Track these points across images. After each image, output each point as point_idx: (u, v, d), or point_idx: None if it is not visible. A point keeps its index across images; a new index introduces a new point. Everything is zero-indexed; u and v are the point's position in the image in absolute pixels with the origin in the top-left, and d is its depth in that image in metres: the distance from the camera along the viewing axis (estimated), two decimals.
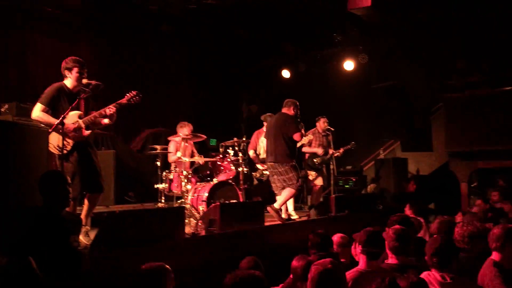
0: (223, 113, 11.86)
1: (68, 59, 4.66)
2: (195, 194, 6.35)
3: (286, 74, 11.88)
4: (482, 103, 9.83)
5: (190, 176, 6.33)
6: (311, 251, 4.13)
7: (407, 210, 6.47)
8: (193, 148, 7.35)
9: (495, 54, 10.23)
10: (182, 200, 6.12)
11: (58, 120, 4.28)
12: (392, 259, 3.64)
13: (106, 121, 4.81)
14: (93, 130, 4.85)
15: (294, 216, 6.68)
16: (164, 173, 6.62)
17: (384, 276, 2.80)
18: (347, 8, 9.01)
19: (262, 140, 7.74)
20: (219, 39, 11.25)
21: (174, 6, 9.36)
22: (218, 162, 6.97)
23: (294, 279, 3.57)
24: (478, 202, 7.02)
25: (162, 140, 8.72)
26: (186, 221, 5.29)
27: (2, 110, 6.40)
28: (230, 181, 6.72)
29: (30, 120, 4.67)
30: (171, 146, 7.29)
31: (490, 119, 9.59)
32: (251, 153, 7.72)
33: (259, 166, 7.78)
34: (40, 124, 4.49)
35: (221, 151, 7.14)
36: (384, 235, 3.71)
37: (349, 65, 11.07)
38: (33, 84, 7.97)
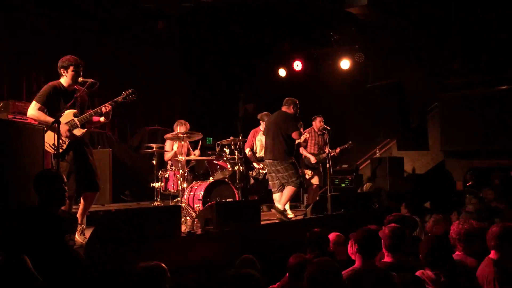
0: (220, 111, 11.85)
1: (64, 58, 4.64)
2: (191, 193, 6.34)
3: (282, 73, 11.88)
4: (478, 103, 9.88)
5: (186, 174, 6.33)
6: (308, 250, 4.14)
7: (403, 209, 6.49)
8: (189, 146, 7.34)
9: (492, 53, 10.27)
10: (178, 198, 6.11)
11: (53, 118, 4.26)
12: (388, 258, 3.65)
13: (102, 119, 4.80)
14: (89, 128, 4.84)
15: (291, 214, 6.67)
16: (160, 171, 6.62)
17: (380, 275, 2.80)
18: (344, 7, 9.04)
19: (259, 138, 7.75)
20: (216, 38, 11.24)
21: (171, 4, 9.35)
22: (214, 161, 6.97)
23: (290, 278, 3.58)
24: (473, 201, 7.03)
25: (159, 138, 8.71)
26: (182, 219, 5.28)
27: None
28: (226, 179, 6.72)
29: (26, 118, 4.65)
30: (167, 144, 7.29)
31: (485, 119, 9.63)
32: (247, 151, 7.72)
33: (256, 165, 7.78)
34: (35, 122, 4.47)
35: (217, 150, 7.14)
36: (380, 234, 3.72)
37: (345, 64, 11.08)
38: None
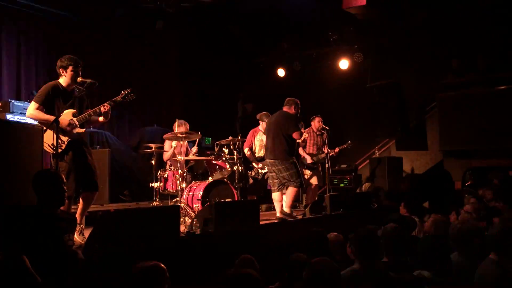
0: (219, 111, 11.85)
1: (63, 58, 4.63)
2: (190, 193, 6.34)
3: (281, 72, 11.88)
4: (477, 102, 9.89)
5: (185, 174, 6.33)
6: (307, 250, 4.13)
7: (402, 209, 6.49)
8: (187, 147, 7.35)
9: (490, 53, 10.28)
10: (177, 198, 6.11)
11: (54, 116, 4.27)
12: (386, 258, 3.65)
13: (101, 119, 4.80)
14: (88, 128, 4.84)
15: None
16: (159, 171, 6.61)
17: (378, 275, 2.81)
18: (343, 7, 9.04)
19: (258, 138, 7.75)
20: (215, 38, 11.24)
21: (169, 4, 9.34)
22: (213, 161, 6.97)
23: (289, 278, 3.58)
24: (472, 200, 7.03)
25: (157, 138, 8.70)
26: (181, 219, 5.29)
27: None
28: (225, 179, 6.72)
29: (25, 118, 4.64)
30: (166, 144, 7.29)
31: (484, 118, 9.64)
32: (246, 151, 7.72)
33: (255, 165, 7.78)
34: (34, 122, 4.47)
35: (216, 150, 7.14)
36: (379, 234, 3.72)
37: (344, 64, 11.09)
38: None
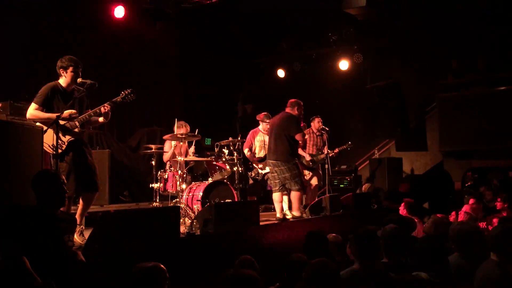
0: (218, 112, 11.86)
1: (63, 58, 4.63)
2: (190, 194, 6.34)
3: (281, 73, 11.89)
4: (477, 103, 9.90)
5: (185, 175, 6.33)
6: (306, 250, 4.14)
7: (402, 210, 6.50)
8: (187, 148, 7.35)
9: (490, 53, 10.29)
10: (177, 199, 6.11)
11: (55, 113, 4.28)
12: (386, 259, 3.65)
13: (101, 119, 4.79)
14: (88, 128, 4.84)
15: (289, 215, 6.68)
16: (159, 172, 6.62)
17: (378, 275, 2.80)
18: (342, 8, 9.04)
19: (258, 139, 7.76)
20: (215, 38, 11.25)
21: (169, 4, 9.35)
22: (213, 162, 6.98)
23: (289, 279, 3.58)
24: (471, 201, 7.04)
25: (157, 139, 8.71)
26: (181, 220, 5.29)
27: None
28: (225, 180, 6.72)
29: (25, 119, 4.64)
30: (166, 145, 7.29)
31: (484, 119, 9.65)
32: (246, 151, 7.73)
33: (255, 166, 7.79)
34: (34, 123, 4.47)
35: (216, 151, 7.14)
36: (378, 234, 3.72)
37: (344, 64, 11.10)
38: None
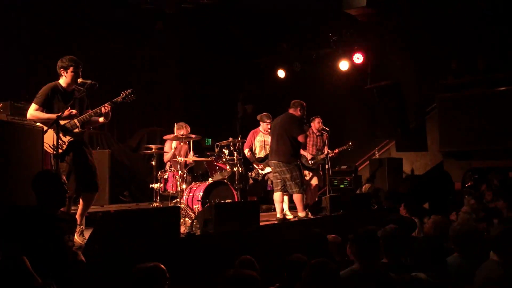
0: (219, 112, 11.86)
1: (64, 58, 4.63)
2: (190, 194, 6.34)
3: (281, 73, 11.89)
4: (477, 103, 9.90)
5: (185, 175, 6.33)
6: (306, 251, 4.14)
7: (402, 210, 6.50)
8: (187, 149, 7.35)
9: (490, 53, 10.29)
10: (177, 199, 6.11)
11: (55, 114, 4.28)
12: (386, 259, 3.66)
13: (101, 119, 4.79)
14: (88, 128, 4.84)
15: (289, 215, 6.69)
16: (159, 172, 6.62)
17: (378, 276, 2.81)
18: (343, 8, 9.04)
19: (258, 139, 7.77)
20: (215, 39, 11.25)
21: (169, 4, 9.35)
22: (214, 162, 6.98)
23: (289, 279, 3.58)
24: (471, 202, 7.05)
25: (158, 139, 8.71)
26: (181, 220, 5.29)
27: None
28: (225, 180, 6.72)
29: (25, 119, 4.64)
30: (167, 145, 7.29)
31: (484, 119, 9.65)
32: (246, 152, 7.73)
33: (255, 166, 7.79)
34: (35, 123, 4.47)
35: (216, 151, 7.15)
36: (378, 235, 3.72)
37: (344, 64, 11.10)
38: None
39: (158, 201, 6.50)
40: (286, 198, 6.63)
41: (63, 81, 4.63)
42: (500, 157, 9.72)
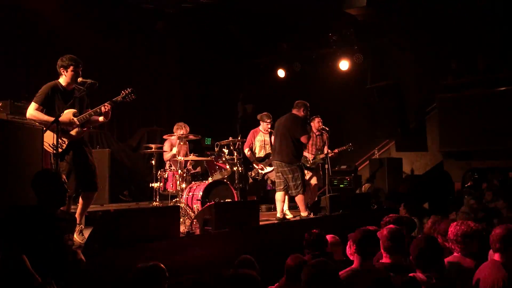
0: (219, 112, 11.86)
1: (64, 57, 4.62)
2: (190, 193, 6.34)
3: (281, 73, 11.88)
4: (477, 103, 9.89)
5: (185, 175, 6.34)
6: (306, 251, 4.14)
7: (402, 210, 6.50)
8: (187, 150, 7.36)
9: (490, 53, 10.29)
10: (177, 199, 6.11)
11: (53, 118, 4.26)
12: (386, 259, 3.65)
13: (101, 118, 4.78)
14: (88, 128, 4.84)
15: (289, 215, 6.69)
16: (159, 172, 6.62)
17: (377, 275, 2.81)
18: (343, 8, 9.05)
19: (258, 139, 7.77)
20: (215, 38, 11.25)
21: (169, 5, 9.36)
22: (214, 161, 6.98)
23: (288, 279, 3.58)
24: (471, 202, 7.05)
25: (157, 139, 8.71)
26: (181, 220, 5.29)
27: None
28: (225, 180, 6.72)
29: (25, 118, 4.64)
30: (166, 145, 7.29)
31: (484, 119, 9.65)
32: (247, 151, 7.73)
33: (255, 165, 7.79)
34: (34, 122, 4.47)
35: (216, 150, 7.15)
36: (378, 235, 3.72)
37: (344, 64, 11.09)
38: None
39: (157, 200, 6.50)
40: (286, 198, 6.64)
41: (63, 80, 4.62)
42: (500, 157, 9.72)
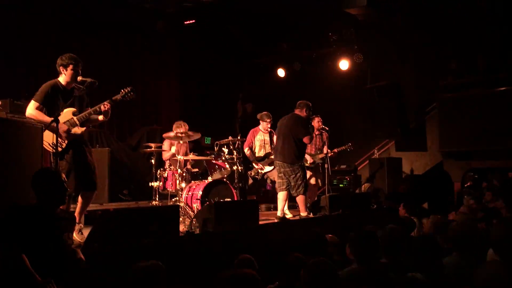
0: (218, 111, 11.86)
1: (63, 56, 4.62)
2: (190, 193, 6.34)
3: (281, 73, 11.88)
4: (476, 104, 9.90)
5: (184, 174, 6.33)
6: (305, 250, 4.14)
7: (401, 210, 6.50)
8: (187, 149, 7.35)
9: (490, 54, 10.29)
10: (177, 198, 6.11)
11: (52, 118, 4.25)
12: (385, 259, 3.65)
13: (101, 117, 4.78)
14: (87, 127, 4.83)
15: (289, 215, 6.69)
16: (158, 171, 6.61)
17: (377, 275, 2.80)
18: (343, 7, 9.05)
19: (258, 138, 7.77)
20: (215, 38, 11.25)
21: (170, 4, 9.35)
22: (213, 161, 6.98)
23: (288, 278, 3.58)
24: (470, 202, 7.06)
25: (157, 138, 8.70)
26: (181, 219, 5.29)
27: None
28: (224, 179, 6.72)
29: (25, 117, 4.64)
30: (166, 144, 7.29)
31: (484, 120, 9.65)
32: (246, 150, 7.73)
33: (255, 165, 7.79)
34: (34, 121, 4.46)
35: (215, 150, 7.14)
36: (378, 235, 3.72)
37: (344, 64, 11.09)
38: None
39: (157, 199, 6.49)
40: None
41: (63, 79, 4.61)
42: (500, 157, 9.72)
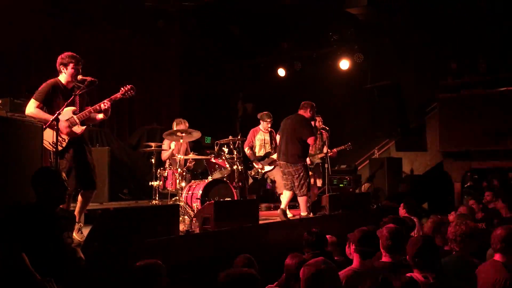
0: (219, 111, 11.86)
1: (64, 55, 4.61)
2: (190, 192, 6.34)
3: (281, 72, 11.88)
4: (477, 104, 9.90)
5: (184, 173, 6.33)
6: (305, 250, 4.14)
7: (401, 210, 6.49)
8: (187, 147, 7.34)
9: (490, 54, 10.29)
10: (177, 197, 6.11)
11: (52, 116, 4.25)
12: (385, 258, 3.65)
13: (101, 116, 4.76)
14: (88, 125, 4.83)
15: (289, 214, 6.69)
16: (158, 170, 6.61)
17: (377, 275, 2.80)
18: (344, 7, 9.05)
19: (258, 138, 7.77)
20: (215, 37, 11.25)
21: (170, 3, 9.35)
22: (213, 160, 6.97)
23: (287, 278, 3.58)
24: (470, 202, 7.05)
25: (157, 137, 8.70)
26: (180, 218, 5.29)
27: None
28: (224, 179, 6.72)
29: (24, 116, 4.63)
30: (165, 143, 7.28)
31: (484, 120, 9.65)
32: (247, 150, 7.73)
33: (255, 164, 7.79)
34: (34, 120, 4.46)
35: (216, 149, 7.14)
36: (378, 234, 3.73)
37: (344, 64, 11.09)
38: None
39: (157, 199, 6.49)
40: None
41: (63, 77, 4.61)
42: (500, 157, 9.72)
